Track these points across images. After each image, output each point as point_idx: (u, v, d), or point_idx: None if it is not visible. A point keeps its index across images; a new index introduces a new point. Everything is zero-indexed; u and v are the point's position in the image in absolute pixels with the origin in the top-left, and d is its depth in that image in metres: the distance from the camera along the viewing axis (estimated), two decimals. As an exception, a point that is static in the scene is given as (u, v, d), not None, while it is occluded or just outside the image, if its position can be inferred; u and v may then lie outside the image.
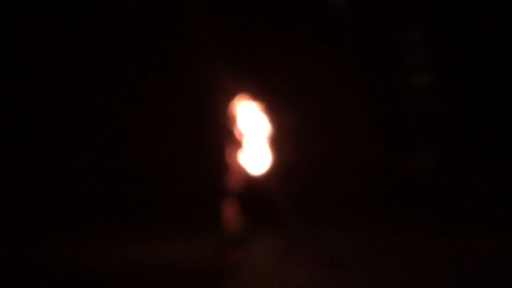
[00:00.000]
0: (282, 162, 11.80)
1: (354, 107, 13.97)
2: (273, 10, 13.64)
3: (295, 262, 6.13)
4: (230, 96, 6.54)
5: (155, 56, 13.53)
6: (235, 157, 6.38)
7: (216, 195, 6.66)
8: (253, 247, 6.48)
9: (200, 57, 11.88)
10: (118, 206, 10.61)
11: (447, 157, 14.36)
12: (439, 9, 14.41)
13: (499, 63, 13.26)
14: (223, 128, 6.46)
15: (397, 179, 13.31)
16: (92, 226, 8.45)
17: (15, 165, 12.75)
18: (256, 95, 6.79)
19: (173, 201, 11.08)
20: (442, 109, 14.78)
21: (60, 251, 6.67)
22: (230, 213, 6.31)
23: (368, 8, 14.83)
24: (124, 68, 13.44)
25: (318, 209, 9.94)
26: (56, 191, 11.63)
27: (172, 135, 12.93)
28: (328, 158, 13.18)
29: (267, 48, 13.01)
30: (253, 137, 6.53)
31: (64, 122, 13.22)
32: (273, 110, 8.56)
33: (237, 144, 6.38)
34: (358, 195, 11.57)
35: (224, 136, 6.46)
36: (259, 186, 6.82)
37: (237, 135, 6.42)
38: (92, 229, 8.18)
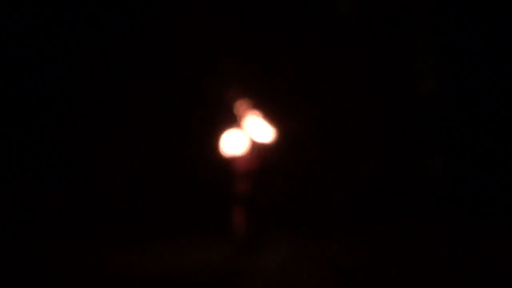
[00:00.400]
0: (291, 168, 11.91)
1: (363, 113, 13.99)
2: (281, 16, 13.67)
3: (305, 267, 6.26)
4: (239, 102, 6.64)
5: (163, 63, 13.58)
6: (245, 164, 6.49)
7: (227, 201, 6.79)
8: (263, 252, 6.60)
9: (208, 62, 11.92)
10: (133, 213, 10.76)
11: (455, 162, 14.38)
12: (447, 16, 14.45)
13: (507, 69, 13.27)
14: (233, 135, 6.57)
15: (406, 184, 13.37)
16: (107, 233, 8.60)
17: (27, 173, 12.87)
18: (265, 101, 6.91)
19: (186, 207, 11.21)
20: (450, 114, 14.80)
21: (77, 257, 6.83)
22: (241, 218, 6.43)
23: (376, 15, 14.86)
24: (133, 76, 13.53)
25: (327, 214, 10.08)
26: (74, 198, 11.75)
27: (184, 142, 12.98)
28: (337, 164, 13.23)
29: (275, 55, 13.04)
30: (263, 143, 6.62)
31: (81, 132, 13.31)
32: (281, 117, 8.66)
33: (247, 151, 6.50)
34: (367, 200, 11.66)
35: (234, 143, 6.57)
36: (268, 191, 6.95)
37: (247, 142, 6.54)
38: (106, 236, 8.32)
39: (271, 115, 6.76)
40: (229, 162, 6.65)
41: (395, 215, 10.38)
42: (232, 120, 6.50)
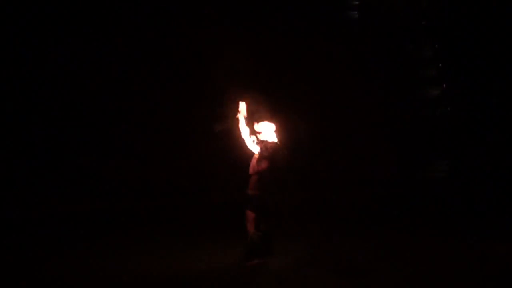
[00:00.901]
0: (300, 172, 11.89)
1: (370, 118, 14.08)
2: (291, 22, 13.79)
3: (316, 268, 6.29)
4: (251, 108, 6.71)
5: (175, 67, 13.69)
6: (255, 167, 6.54)
7: (238, 204, 6.84)
8: (274, 254, 6.63)
9: (219, 64, 11.97)
10: (145, 217, 10.80)
11: (460, 166, 14.43)
12: (453, 26, 14.65)
13: (510, 76, 13.40)
14: (244, 139, 6.63)
15: (412, 188, 13.42)
16: (120, 237, 8.64)
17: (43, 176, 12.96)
18: (273, 107, 6.96)
19: (197, 211, 11.27)
20: (454, 119, 14.89)
21: (83, 260, 6.89)
22: (252, 221, 6.47)
23: (384, 24, 15.04)
24: (141, 79, 13.65)
25: (336, 216, 10.11)
26: (86, 203, 11.83)
27: (196, 148, 13.06)
28: (345, 168, 13.29)
29: (288, 59, 13.14)
30: (272, 148, 6.67)
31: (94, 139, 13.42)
32: (291, 122, 8.66)
33: (257, 154, 6.56)
34: (375, 203, 11.69)
35: (245, 147, 6.63)
36: (278, 195, 6.97)
37: (257, 146, 6.59)
38: (121, 240, 8.37)
39: (281, 117, 6.81)
40: (240, 164, 6.72)
41: (403, 217, 10.38)
42: (243, 122, 6.56)
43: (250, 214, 6.49)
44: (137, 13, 13.68)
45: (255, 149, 6.56)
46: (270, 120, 6.68)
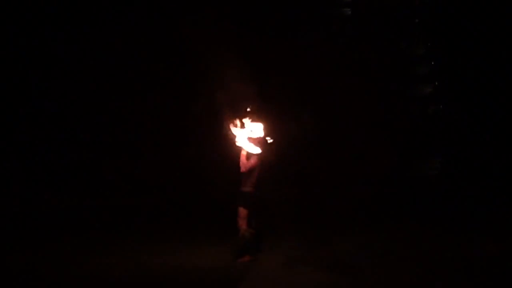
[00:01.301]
0: (295, 170, 11.85)
1: (362, 117, 14.13)
2: (285, 23, 13.84)
3: (307, 266, 6.29)
4: (245, 106, 6.69)
5: (164, 64, 13.70)
6: (246, 164, 6.53)
7: (229, 202, 6.84)
8: (265, 251, 6.63)
9: (209, 64, 11.95)
10: (143, 216, 10.79)
11: (452, 164, 14.51)
12: (445, 25, 14.75)
13: (500, 75, 13.51)
14: (236, 138, 6.61)
15: (406, 185, 13.48)
16: (118, 235, 8.63)
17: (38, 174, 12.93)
18: (269, 107, 6.96)
19: (187, 209, 11.27)
20: (446, 117, 14.97)
21: (87, 258, 6.87)
22: (244, 217, 6.47)
23: (377, 22, 15.11)
24: (135, 77, 13.65)
25: (330, 214, 10.13)
26: (82, 200, 11.81)
27: (189, 146, 13.08)
28: (338, 166, 13.33)
29: (282, 58, 13.16)
30: (267, 146, 6.67)
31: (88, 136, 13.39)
32: (285, 120, 8.63)
33: (250, 152, 6.55)
34: (369, 202, 11.71)
35: (237, 145, 6.62)
36: (271, 193, 6.97)
37: (250, 144, 6.58)
38: (119, 238, 8.37)
39: (276, 116, 6.80)
40: (232, 162, 6.71)
41: (397, 214, 10.41)
42: (237, 120, 6.54)
43: (243, 211, 6.49)
44: (136, 12, 13.70)
45: (255, 150, 6.52)
46: (265, 119, 6.65)
